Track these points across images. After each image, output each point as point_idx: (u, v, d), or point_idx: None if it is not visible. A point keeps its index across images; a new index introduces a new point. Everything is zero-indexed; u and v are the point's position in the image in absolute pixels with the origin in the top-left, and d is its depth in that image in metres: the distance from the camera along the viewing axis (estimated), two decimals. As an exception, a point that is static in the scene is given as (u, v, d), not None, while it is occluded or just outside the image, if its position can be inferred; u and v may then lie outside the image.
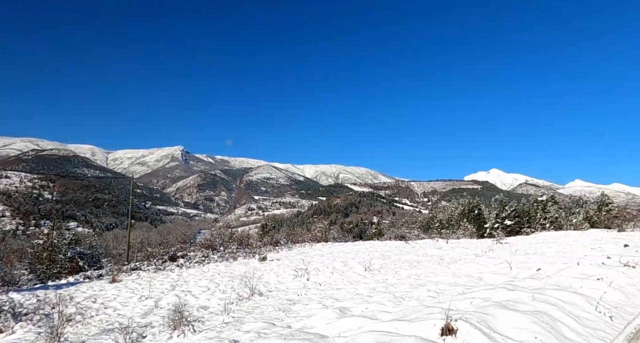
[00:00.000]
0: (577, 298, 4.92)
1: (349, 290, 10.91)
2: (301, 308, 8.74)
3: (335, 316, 5.79)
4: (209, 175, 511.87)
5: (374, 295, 8.96)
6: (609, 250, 12.52)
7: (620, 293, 5.65)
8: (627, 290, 5.98)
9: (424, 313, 4.13)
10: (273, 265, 18.68)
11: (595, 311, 4.69)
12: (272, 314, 8.44)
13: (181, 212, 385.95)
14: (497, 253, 16.63)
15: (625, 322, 4.54)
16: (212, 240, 30.21)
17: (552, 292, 5.05)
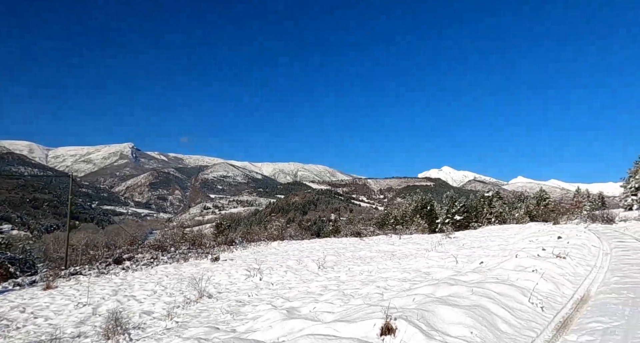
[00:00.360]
0: (512, 290, 5.13)
1: (301, 289, 10.78)
2: (250, 309, 8.48)
3: (281, 318, 5.62)
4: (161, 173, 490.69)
5: (324, 294, 8.88)
6: (545, 242, 13.39)
7: (552, 284, 5.99)
8: (558, 280, 6.35)
9: (366, 312, 4.08)
10: (225, 265, 18.16)
11: (528, 302, 4.91)
12: (219, 317, 8.10)
13: (131, 212, 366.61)
14: (445, 247, 17.27)
15: (554, 312, 4.78)
16: (162, 240, 28.90)
17: (491, 285, 5.23)
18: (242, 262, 18.87)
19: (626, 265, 8.80)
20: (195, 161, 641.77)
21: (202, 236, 33.04)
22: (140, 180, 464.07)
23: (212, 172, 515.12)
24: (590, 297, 5.72)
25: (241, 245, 30.69)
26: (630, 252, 11.65)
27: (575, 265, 8.04)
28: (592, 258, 10.15)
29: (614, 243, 14.07)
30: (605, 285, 6.53)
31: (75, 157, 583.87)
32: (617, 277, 7.17)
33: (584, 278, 7.13)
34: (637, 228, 20.65)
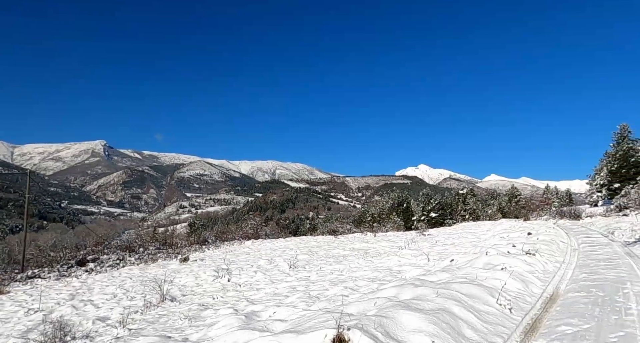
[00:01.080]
0: (480, 291, 4.89)
1: (268, 291, 10.35)
2: (211, 314, 7.98)
3: (238, 325, 5.19)
4: (135, 171, 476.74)
5: (291, 295, 8.48)
6: (515, 239, 13.45)
7: (521, 282, 5.81)
8: (527, 278, 6.19)
9: (320, 321, 3.72)
10: (194, 266, 17.47)
11: (496, 304, 4.68)
12: (177, 323, 7.57)
13: (104, 212, 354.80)
14: (419, 245, 17.18)
15: (523, 314, 4.56)
16: (130, 241, 27.75)
17: (458, 285, 4.97)
18: (212, 262, 18.22)
19: (593, 261, 8.82)
20: (171, 159, 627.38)
21: (174, 235, 32.01)
22: (113, 179, 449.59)
23: (188, 171, 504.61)
24: (560, 296, 5.57)
25: (214, 244, 29.87)
26: (597, 247, 11.82)
27: (544, 262, 7.95)
28: (560, 254, 10.17)
29: (581, 239, 14.30)
30: (574, 282, 6.42)
31: (44, 154, 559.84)
32: (585, 273, 7.09)
33: (553, 276, 7.02)
34: (602, 223, 21.27)
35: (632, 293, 5.41)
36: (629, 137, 42.38)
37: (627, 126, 43.44)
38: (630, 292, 5.49)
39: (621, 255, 9.83)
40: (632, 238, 13.34)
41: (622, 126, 43.67)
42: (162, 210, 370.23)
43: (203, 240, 32.80)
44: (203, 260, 19.87)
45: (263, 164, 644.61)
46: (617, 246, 12.01)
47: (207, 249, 26.81)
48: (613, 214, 27.22)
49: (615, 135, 43.94)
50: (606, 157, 44.62)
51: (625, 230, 15.88)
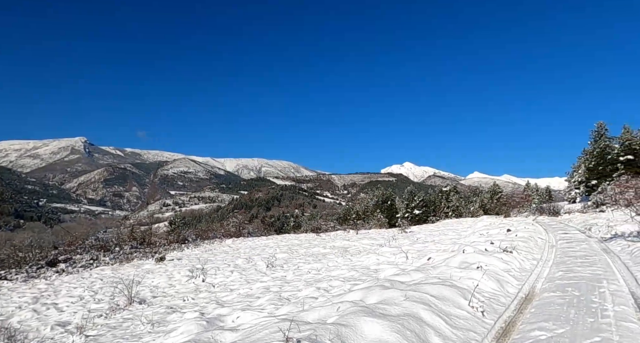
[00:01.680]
0: (452, 292, 4.63)
1: (242, 291, 9.96)
2: (177, 318, 7.55)
3: (196, 332, 4.81)
4: (117, 169, 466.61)
5: (262, 297, 8.11)
6: (494, 236, 13.36)
7: (496, 282, 5.59)
8: (502, 277, 5.99)
9: (272, 330, 3.38)
10: (170, 266, 16.91)
11: (468, 306, 4.42)
12: (138, 329, 7.12)
13: (84, 210, 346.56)
14: (399, 242, 17.00)
15: (496, 317, 4.32)
16: (105, 239, 26.84)
17: (429, 287, 4.70)
18: (189, 262, 17.69)
19: (570, 257, 8.72)
20: (154, 156, 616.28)
21: (153, 234, 31.15)
22: (94, 176, 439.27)
23: (172, 168, 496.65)
24: (535, 296, 5.36)
25: (194, 243, 29.21)
26: (574, 243, 11.80)
27: (521, 260, 7.80)
28: (538, 251, 10.08)
29: (559, 235, 14.34)
30: (550, 281, 6.24)
31: (20, 151, 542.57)
32: (562, 271, 6.94)
33: (530, 274, 6.84)
34: (580, 219, 21.53)
35: (609, 292, 5.24)
36: (606, 135, 43.40)
37: (604, 124, 44.47)
38: (606, 291, 5.32)
39: (598, 252, 9.79)
40: (608, 235, 13.42)
41: (599, 124, 44.68)
42: (145, 208, 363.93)
43: (183, 238, 32.05)
44: (180, 260, 19.30)
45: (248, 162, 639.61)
46: (593, 242, 12.03)
47: (186, 248, 26.18)
48: (590, 210, 27.69)
49: (592, 133, 44.94)
50: (584, 154, 45.61)
51: (602, 226, 16.04)
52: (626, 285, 5.83)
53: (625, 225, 13.95)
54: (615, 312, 4.36)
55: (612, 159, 38.44)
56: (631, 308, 4.54)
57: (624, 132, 39.76)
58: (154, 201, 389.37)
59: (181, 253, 23.01)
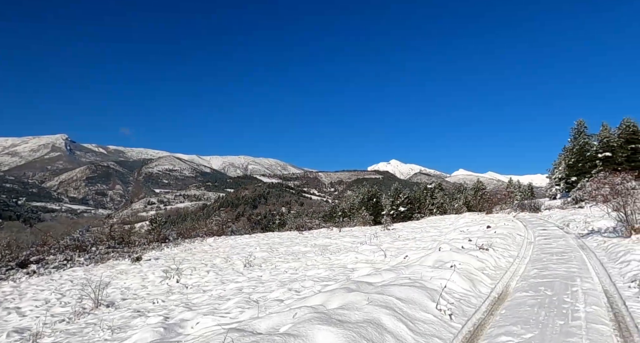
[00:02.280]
0: (420, 294, 4.40)
1: (214, 293, 9.63)
2: (140, 322, 7.18)
3: (151, 340, 4.48)
4: (100, 167, 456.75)
5: (233, 299, 7.79)
6: (474, 233, 13.31)
7: (468, 282, 5.40)
8: (476, 276, 5.81)
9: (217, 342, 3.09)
10: (145, 266, 16.40)
11: (435, 309, 4.20)
12: (97, 335, 6.73)
13: (65, 209, 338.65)
14: (381, 240, 16.84)
15: (464, 320, 4.11)
16: (81, 239, 26.00)
17: (397, 288, 4.47)
18: (165, 261, 17.21)
19: (547, 254, 8.64)
20: (138, 154, 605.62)
21: (133, 233, 30.40)
22: (76, 175, 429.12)
23: (157, 166, 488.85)
24: (508, 295, 5.19)
25: (174, 242, 28.61)
26: (552, 240, 11.80)
27: (497, 257, 7.66)
28: (516, 248, 10.00)
29: (538, 232, 14.39)
30: (524, 279, 6.09)
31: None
32: (537, 269, 6.82)
33: (505, 272, 6.70)
34: (559, 215, 21.77)
35: (581, 291, 5.10)
36: (585, 133, 44.21)
37: (584, 122, 45.28)
38: (579, 289, 5.18)
39: (574, 248, 9.77)
40: (585, 231, 13.51)
41: (579, 122, 45.50)
42: (129, 206, 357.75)
43: (163, 237, 31.36)
44: (158, 260, 18.78)
45: (235, 159, 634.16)
46: (571, 238, 12.06)
47: (166, 247, 25.58)
48: (570, 206, 28.13)
49: (572, 130, 45.74)
50: (564, 151, 46.43)
51: (580, 222, 16.18)
52: (600, 283, 5.72)
53: (601, 221, 14.07)
54: (587, 313, 4.20)
55: (591, 156, 39.18)
56: (603, 309, 4.40)
57: (602, 130, 40.57)
58: (138, 199, 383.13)
59: (160, 252, 22.44)
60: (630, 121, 38.80)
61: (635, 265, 6.22)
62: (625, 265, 6.50)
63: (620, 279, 5.82)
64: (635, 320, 3.95)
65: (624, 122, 38.98)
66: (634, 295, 4.89)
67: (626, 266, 6.42)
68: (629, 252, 7.44)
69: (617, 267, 6.77)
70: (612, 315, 4.18)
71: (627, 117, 39.17)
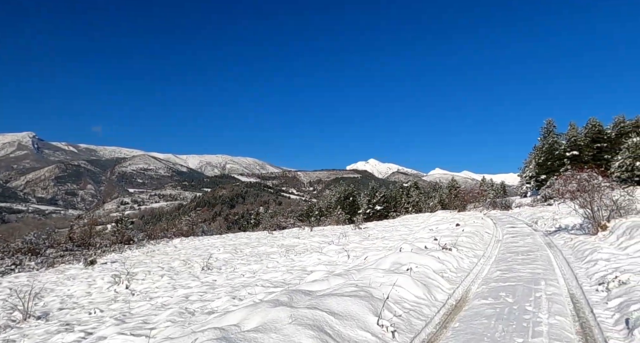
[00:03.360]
0: (362, 307, 3.77)
1: (159, 301, 8.78)
2: (58, 339, 6.27)
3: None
4: (70, 166, 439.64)
5: (172, 308, 6.99)
6: (441, 231, 12.90)
7: (423, 288, 4.83)
8: (433, 281, 5.24)
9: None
10: (97, 270, 15.26)
11: (376, 326, 3.58)
12: (3, 355, 5.79)
13: (33, 209, 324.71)
14: (350, 239, 16.29)
15: (410, 337, 3.51)
16: (35, 242, 24.32)
17: (335, 300, 3.82)
18: (120, 265, 16.09)
19: (512, 254, 8.24)
20: (111, 153, 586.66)
21: (95, 234, 28.79)
22: (44, 174, 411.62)
23: (130, 165, 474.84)
24: (466, 303, 4.64)
25: (139, 243, 27.26)
26: (519, 238, 11.51)
27: (460, 258, 7.17)
28: (482, 246, 9.60)
29: (507, 229, 14.15)
30: (486, 282, 5.58)
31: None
32: (501, 270, 6.33)
33: (467, 274, 6.18)
34: (529, 213, 21.84)
35: (545, 297, 4.60)
36: (554, 132, 45.21)
37: (553, 121, 46.29)
38: (543, 295, 4.68)
39: (541, 246, 9.44)
40: (552, 228, 13.34)
41: (548, 121, 46.50)
42: (101, 206, 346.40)
43: (128, 239, 29.89)
44: (114, 263, 17.61)
45: (212, 158, 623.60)
46: (538, 236, 11.81)
47: (129, 249, 24.26)
48: (539, 204, 28.47)
49: (542, 129, 46.70)
50: (535, 150, 47.36)
51: (548, 219, 16.11)
52: (566, 286, 5.27)
53: (569, 218, 13.96)
54: (550, 326, 3.66)
55: (560, 155, 40.04)
56: (569, 319, 3.89)
57: (570, 129, 41.53)
58: (110, 199, 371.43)
59: (119, 255, 21.18)
60: (596, 121, 39.83)
61: (603, 266, 5.83)
62: (592, 265, 6.11)
63: (587, 281, 5.39)
64: (605, 333, 3.45)
65: (590, 122, 39.99)
66: (601, 301, 4.43)
67: (593, 266, 6.03)
68: (595, 250, 7.10)
69: (583, 266, 6.38)
70: (578, 327, 3.67)
71: (593, 117, 40.23)
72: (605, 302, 4.29)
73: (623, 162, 29.35)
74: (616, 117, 39.09)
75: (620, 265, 5.58)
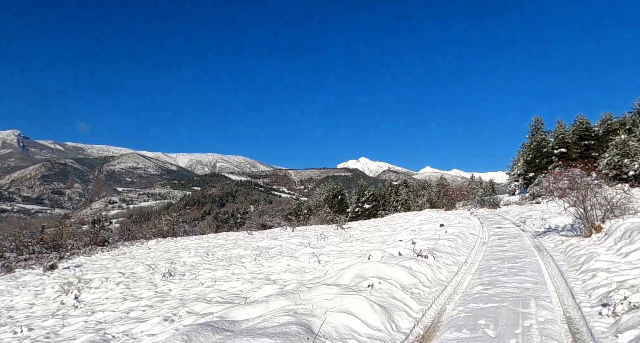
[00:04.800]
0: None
1: (97, 317, 7.71)
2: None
3: None
4: (57, 164, 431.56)
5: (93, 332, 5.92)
6: (424, 232, 11.97)
7: (382, 314, 3.84)
8: (398, 301, 4.26)
9: None
10: (53, 276, 14.02)
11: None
12: None
13: (18, 209, 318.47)
14: (328, 240, 15.30)
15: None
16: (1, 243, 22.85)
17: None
18: (82, 270, 14.89)
19: (498, 261, 7.31)
20: (99, 151, 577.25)
21: (62, 236, 27.32)
22: (30, 173, 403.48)
23: (119, 163, 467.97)
24: (435, 333, 3.67)
25: (112, 245, 25.93)
26: (505, 240, 10.63)
27: (437, 267, 6.21)
28: (465, 251, 8.67)
29: (493, 230, 13.29)
30: (464, 301, 4.60)
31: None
32: (483, 284, 5.38)
33: (442, 289, 5.22)
34: (517, 211, 21.10)
35: (536, 327, 3.58)
36: (542, 129, 44.80)
37: (540, 118, 45.87)
38: (532, 324, 3.68)
39: (530, 251, 8.55)
40: (542, 228, 12.51)
41: (536, 119, 46.06)
42: (89, 206, 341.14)
43: (102, 240, 28.51)
44: (79, 267, 16.39)
45: (202, 157, 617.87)
46: (527, 237, 10.96)
47: (101, 251, 22.95)
48: (527, 202, 27.81)
49: (530, 127, 46.25)
50: (523, 148, 46.92)
51: (536, 218, 15.32)
52: (561, 307, 4.32)
53: (558, 218, 13.15)
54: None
55: (548, 152, 39.58)
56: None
57: (558, 126, 41.11)
58: (98, 198, 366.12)
59: (87, 258, 19.88)
60: (584, 118, 39.46)
61: (603, 278, 4.91)
62: (590, 277, 5.18)
63: (585, 299, 4.45)
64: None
65: (578, 119, 39.61)
66: (608, 331, 3.40)
67: (591, 278, 5.11)
68: (592, 257, 6.20)
69: (579, 278, 5.46)
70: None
71: (581, 114, 39.86)
72: (615, 335, 3.28)
73: (611, 160, 28.88)
74: (603, 114, 38.77)
75: (626, 278, 4.66)
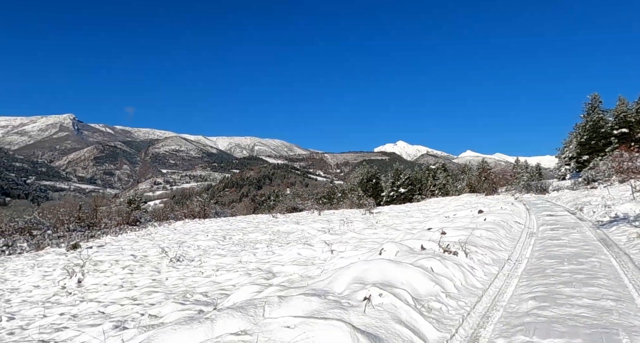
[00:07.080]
0: None
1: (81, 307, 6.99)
2: None
3: None
4: (107, 146, 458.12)
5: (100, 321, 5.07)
6: (460, 219, 10.35)
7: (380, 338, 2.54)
8: (401, 326, 2.89)
9: None
10: (71, 257, 13.83)
11: None
12: None
13: (74, 188, 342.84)
14: (352, 226, 14.01)
15: None
16: (35, 221, 23.61)
17: None
18: (102, 251, 14.68)
19: (553, 260, 5.69)
20: (145, 134, 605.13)
21: (96, 215, 27.91)
22: (84, 154, 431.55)
23: (163, 146, 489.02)
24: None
25: (143, 225, 26.21)
26: (561, 231, 8.81)
27: (471, 267, 4.75)
28: (508, 244, 7.06)
29: (543, 218, 11.37)
30: (507, 328, 3.08)
31: (7, 128, 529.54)
32: (535, 298, 3.86)
33: (474, 303, 3.76)
34: (569, 197, 18.63)
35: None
36: (600, 108, 40.14)
37: (598, 96, 41.06)
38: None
39: (595, 246, 6.80)
40: (606, 217, 10.44)
41: (593, 96, 41.29)
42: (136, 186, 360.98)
43: (134, 220, 29.00)
44: (102, 247, 16.26)
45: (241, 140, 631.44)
46: (587, 228, 9.07)
47: (130, 231, 23.15)
48: (581, 187, 24.87)
49: (586, 105, 41.61)
50: (576, 129, 42.56)
51: (597, 205, 13.07)
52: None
53: (627, 204, 10.99)
54: None
55: (606, 133, 35.50)
56: None
57: (619, 104, 36.60)
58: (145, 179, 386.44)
59: (113, 238, 19.94)
60: (653, 94, 34.78)
61: None
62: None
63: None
64: None
65: (646, 95, 34.96)
66: None
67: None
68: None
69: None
70: None
71: (650, 89, 35.14)
72: None
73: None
74: (677, 89, 33.90)
75: None
